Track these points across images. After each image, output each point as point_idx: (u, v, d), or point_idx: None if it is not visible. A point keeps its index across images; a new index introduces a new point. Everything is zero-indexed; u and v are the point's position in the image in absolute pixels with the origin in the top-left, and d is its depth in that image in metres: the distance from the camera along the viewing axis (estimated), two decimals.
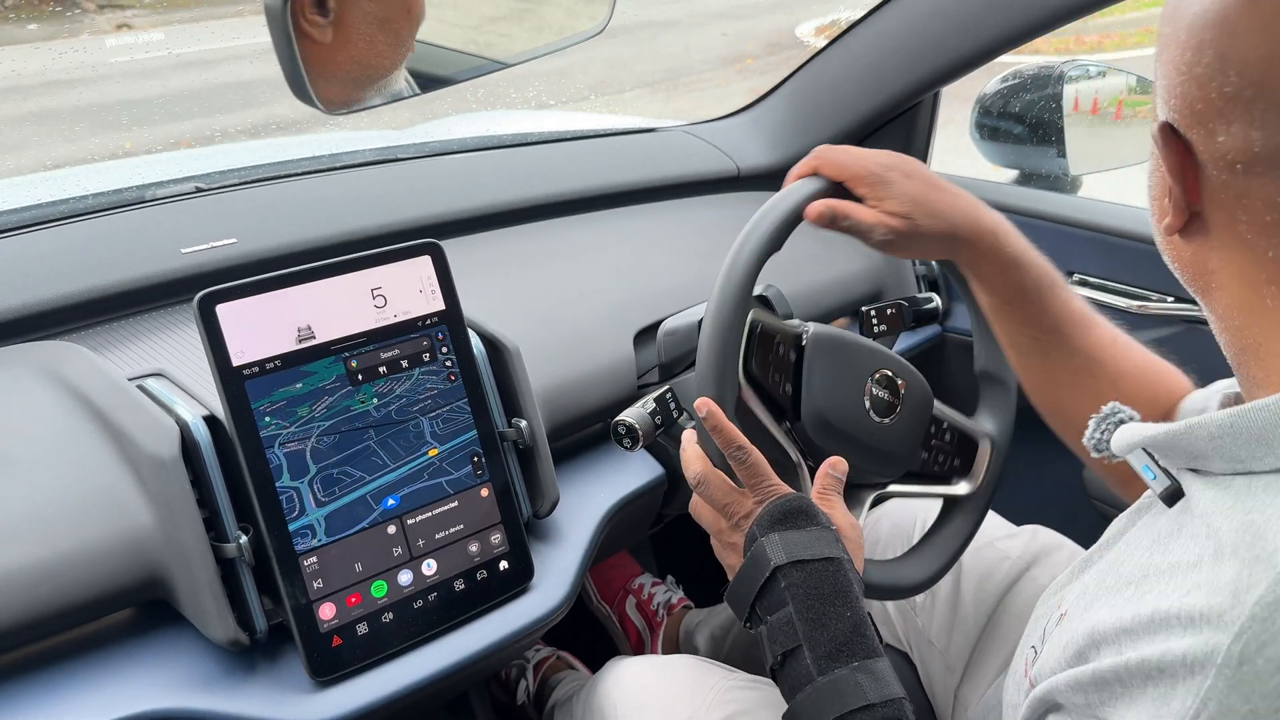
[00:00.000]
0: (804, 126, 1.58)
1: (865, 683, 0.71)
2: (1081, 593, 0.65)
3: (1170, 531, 0.59)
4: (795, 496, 0.80)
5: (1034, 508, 1.26)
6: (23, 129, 4.74)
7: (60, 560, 0.75)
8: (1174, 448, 0.60)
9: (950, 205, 0.89)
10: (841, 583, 0.75)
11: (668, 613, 1.57)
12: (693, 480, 0.84)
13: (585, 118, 2.57)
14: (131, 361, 0.94)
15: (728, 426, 0.82)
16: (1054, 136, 1.49)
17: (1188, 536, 0.56)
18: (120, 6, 6.77)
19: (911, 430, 0.97)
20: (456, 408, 0.89)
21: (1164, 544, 0.58)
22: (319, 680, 0.80)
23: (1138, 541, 0.63)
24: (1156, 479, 0.61)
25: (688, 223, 1.43)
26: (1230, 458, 0.56)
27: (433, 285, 0.88)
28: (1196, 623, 0.50)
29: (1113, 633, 0.55)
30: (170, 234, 1.11)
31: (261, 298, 0.80)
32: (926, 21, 1.37)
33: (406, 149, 1.47)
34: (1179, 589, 0.53)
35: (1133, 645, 0.53)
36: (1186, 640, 0.50)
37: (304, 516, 0.80)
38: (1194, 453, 0.58)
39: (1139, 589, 0.56)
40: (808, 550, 0.76)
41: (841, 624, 0.73)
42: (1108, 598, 0.59)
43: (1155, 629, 0.52)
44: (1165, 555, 0.57)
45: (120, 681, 0.76)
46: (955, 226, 0.88)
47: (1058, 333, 0.91)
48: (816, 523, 0.78)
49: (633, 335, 1.12)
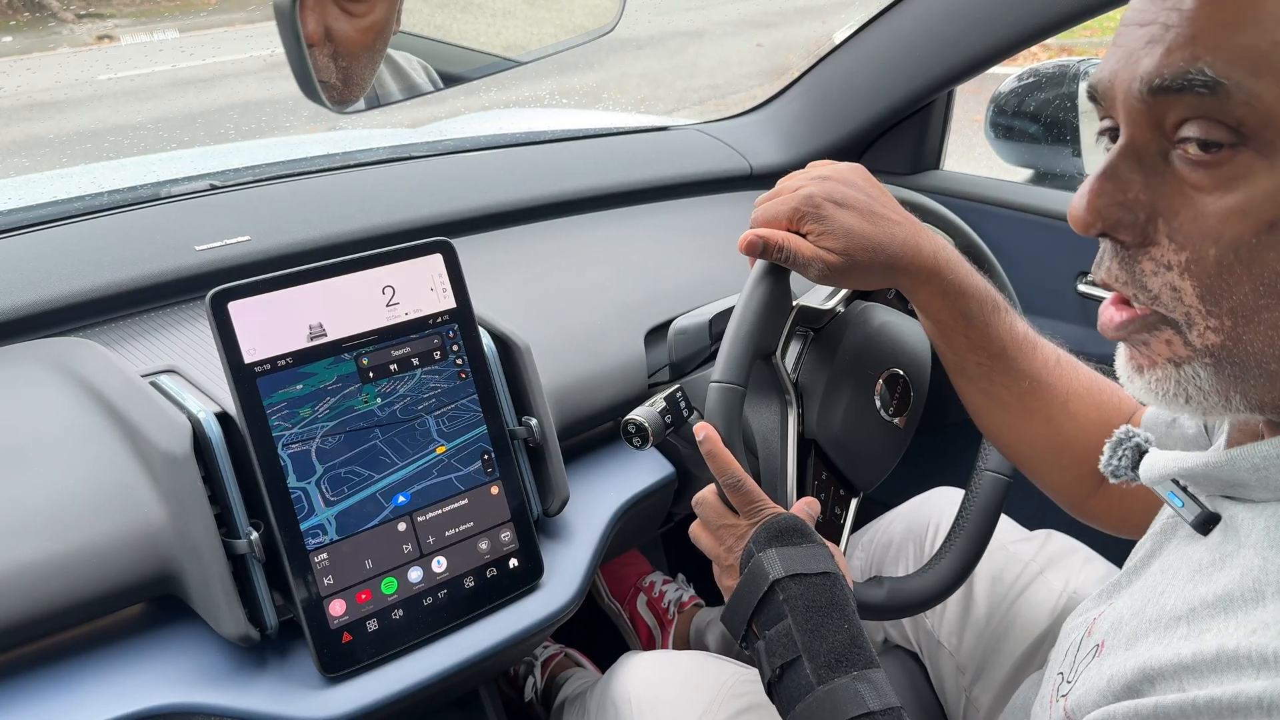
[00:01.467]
0: (817, 125, 1.58)
1: (865, 691, 0.71)
2: (1116, 623, 0.64)
3: (1213, 561, 0.57)
4: (789, 515, 0.81)
5: (1047, 513, 1.25)
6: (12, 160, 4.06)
7: (73, 555, 0.76)
8: (1211, 478, 0.58)
9: (889, 235, 0.85)
10: (839, 597, 0.76)
11: (679, 610, 1.57)
12: (694, 503, 0.87)
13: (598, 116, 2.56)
14: (144, 358, 0.95)
15: (722, 453, 0.84)
16: (1069, 135, 1.49)
17: (1237, 567, 0.55)
18: (100, 16, 6.18)
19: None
20: (465, 405, 0.89)
21: (1207, 575, 0.57)
22: (329, 676, 0.80)
23: (1174, 570, 0.61)
24: (1185, 506, 0.60)
25: (700, 221, 1.43)
26: (1276, 488, 0.55)
27: (444, 283, 0.88)
28: (1270, 664, 0.48)
29: (1171, 669, 0.53)
30: (184, 231, 1.12)
31: (273, 295, 0.80)
32: (940, 20, 1.37)
33: (419, 147, 1.47)
34: (1242, 626, 0.51)
35: (1198, 683, 0.51)
36: (1261, 683, 0.48)
37: (313, 516, 0.81)
38: (1234, 482, 0.57)
39: (1191, 625, 0.55)
40: (804, 565, 0.77)
41: (840, 635, 0.74)
42: (1156, 634, 0.57)
43: (1223, 668, 0.50)
44: (1211, 586, 0.55)
45: (131, 676, 0.77)
46: (893, 258, 0.85)
47: (1003, 357, 0.89)
48: (811, 540, 0.80)
49: (643, 334, 1.12)
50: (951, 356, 0.91)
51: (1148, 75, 0.52)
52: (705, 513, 0.86)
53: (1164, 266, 0.54)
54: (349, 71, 0.89)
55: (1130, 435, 0.67)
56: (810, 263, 0.85)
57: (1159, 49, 0.52)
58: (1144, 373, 0.58)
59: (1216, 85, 0.49)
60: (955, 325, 0.88)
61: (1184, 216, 0.53)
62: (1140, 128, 0.54)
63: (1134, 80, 0.53)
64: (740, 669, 1.00)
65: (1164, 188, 0.54)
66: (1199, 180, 0.52)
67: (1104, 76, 0.56)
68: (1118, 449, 0.67)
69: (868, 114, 1.50)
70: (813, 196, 0.86)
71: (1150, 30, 0.52)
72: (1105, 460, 0.68)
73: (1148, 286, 0.55)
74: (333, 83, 0.86)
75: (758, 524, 0.81)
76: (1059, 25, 1.26)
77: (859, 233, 0.85)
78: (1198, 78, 0.50)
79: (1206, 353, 0.54)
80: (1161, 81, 0.51)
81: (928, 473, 1.36)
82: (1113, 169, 0.56)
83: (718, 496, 0.86)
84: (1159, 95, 0.52)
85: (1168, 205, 0.54)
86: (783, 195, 0.88)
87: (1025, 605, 1.04)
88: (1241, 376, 0.54)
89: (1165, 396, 0.57)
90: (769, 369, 0.93)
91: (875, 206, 0.87)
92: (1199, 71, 0.50)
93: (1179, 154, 0.53)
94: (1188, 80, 0.50)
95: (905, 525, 1.18)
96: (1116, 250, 0.57)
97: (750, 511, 0.83)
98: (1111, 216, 0.56)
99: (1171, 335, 0.55)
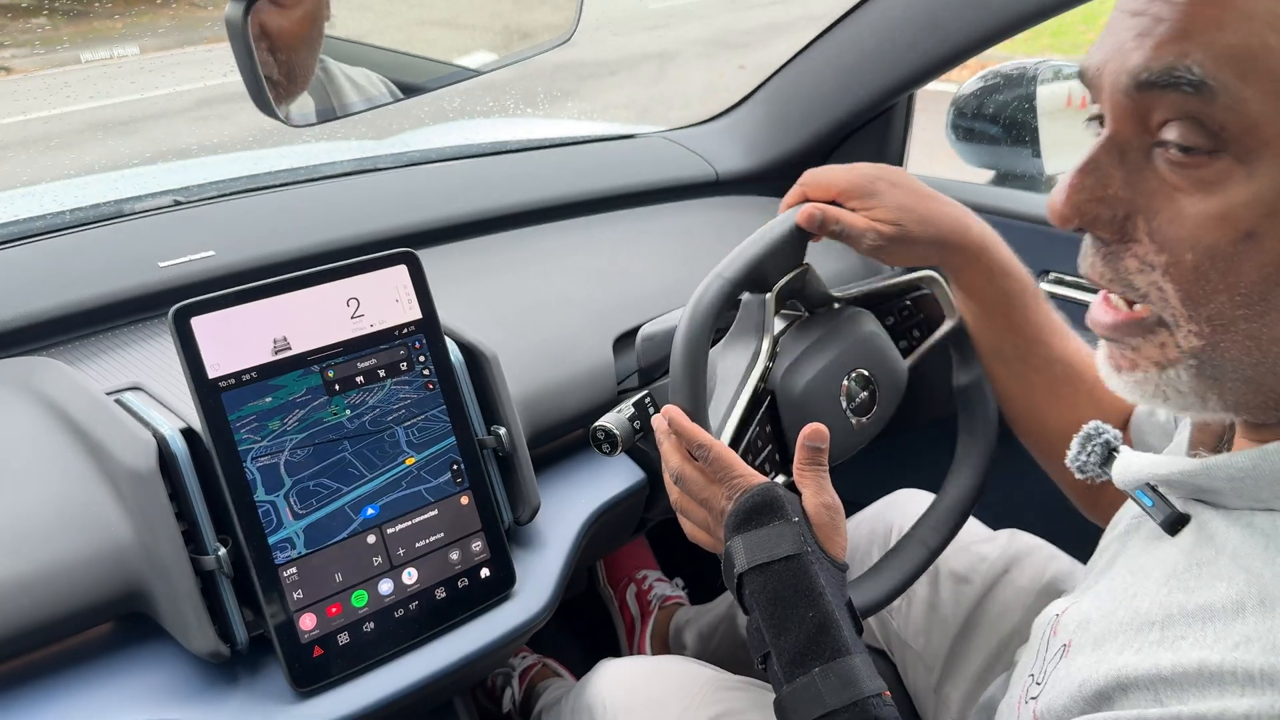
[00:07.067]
0: (781, 130, 1.59)
1: (826, 688, 0.69)
2: (1083, 622, 0.63)
3: (1189, 567, 0.57)
4: (760, 490, 0.77)
5: (1011, 511, 1.27)
6: None
7: (39, 574, 0.75)
8: (1184, 485, 0.59)
9: (939, 212, 0.91)
10: (801, 582, 0.72)
11: (661, 606, 1.58)
12: (672, 475, 0.83)
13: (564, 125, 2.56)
14: (108, 375, 0.94)
15: (688, 426, 0.81)
16: (1029, 136, 1.51)
17: (1216, 576, 0.54)
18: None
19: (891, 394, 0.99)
20: (434, 416, 0.89)
21: (1183, 581, 0.56)
22: (301, 691, 0.80)
23: (1146, 572, 0.61)
24: (1155, 505, 0.60)
25: (667, 227, 1.44)
26: (1251, 497, 0.55)
27: (409, 294, 0.89)
28: (1257, 682, 0.48)
29: (1147, 679, 0.53)
30: (147, 248, 1.11)
31: (237, 310, 0.80)
32: (899, 24, 1.38)
33: (384, 159, 1.47)
34: (1223, 639, 0.51)
35: (1178, 698, 0.51)
36: (1247, 701, 0.48)
37: (282, 530, 0.80)
38: (1208, 489, 0.57)
39: (1167, 632, 0.54)
40: (768, 551, 0.74)
41: (803, 627, 0.71)
42: (1127, 636, 0.57)
43: (1205, 683, 0.50)
44: (1190, 595, 0.55)
45: (100, 696, 0.76)
46: (944, 233, 0.90)
47: (1039, 341, 0.92)
48: (778, 516, 0.75)
49: (612, 341, 1.12)
50: (991, 338, 0.94)
51: (1135, 69, 0.52)
52: (687, 485, 0.82)
53: (1148, 265, 0.54)
54: (290, 65, 0.90)
55: (1100, 431, 0.68)
56: (865, 233, 0.89)
57: (1149, 42, 0.51)
58: (1123, 373, 0.58)
59: (1202, 85, 0.49)
60: (997, 306, 0.92)
61: (1163, 217, 0.53)
62: (1125, 122, 0.54)
63: (1121, 73, 0.53)
64: (716, 674, 1.00)
65: (1144, 185, 0.54)
66: (1179, 181, 0.52)
67: (1094, 63, 0.56)
68: (1086, 444, 0.68)
69: (830, 119, 1.52)
70: (867, 172, 0.91)
71: (1142, 21, 0.52)
72: (1073, 455, 0.69)
73: (1135, 284, 0.55)
74: (277, 79, 0.87)
75: (733, 498, 0.78)
76: (1009, 30, 1.28)
77: (911, 208, 0.90)
78: (1185, 76, 0.50)
79: (1190, 355, 0.54)
80: (1149, 76, 0.51)
81: (897, 475, 1.37)
82: (1094, 162, 0.56)
83: (692, 465, 0.82)
84: (1145, 91, 0.52)
85: (1147, 203, 0.54)
86: (835, 169, 0.91)
87: (991, 604, 1.05)
88: (1220, 379, 0.54)
89: (1144, 395, 0.57)
90: (757, 307, 0.92)
91: (925, 189, 0.92)
92: (1186, 69, 0.50)
93: (1160, 152, 0.53)
94: (1174, 77, 0.50)
95: (869, 528, 1.19)
96: (1099, 245, 0.57)
97: (726, 481, 0.79)
98: (1090, 211, 0.56)
99: (1166, 338, 0.55)
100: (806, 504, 0.78)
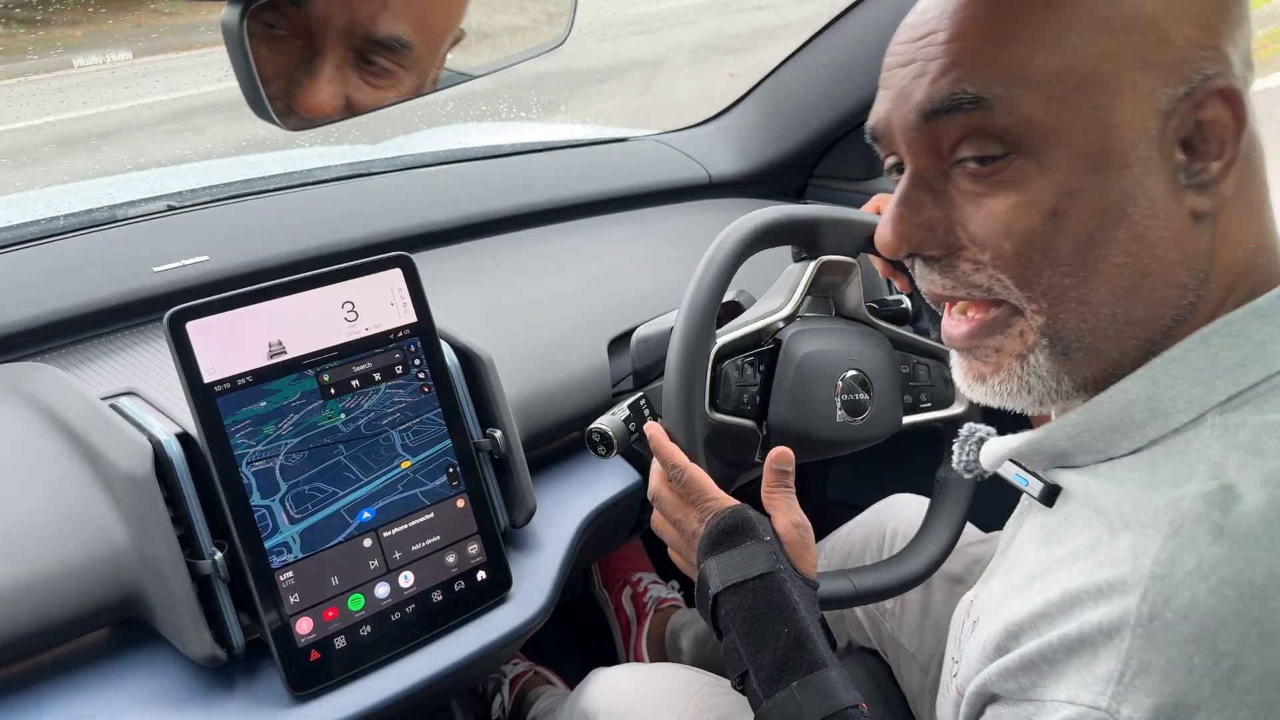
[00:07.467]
0: (773, 133, 1.59)
1: (805, 700, 0.72)
2: (988, 598, 0.68)
3: (1059, 524, 0.62)
4: (731, 512, 0.80)
5: (1005, 513, 1.27)
6: None
7: (36, 580, 0.75)
8: (1039, 453, 0.64)
9: None
10: (776, 599, 0.76)
11: (656, 608, 1.58)
12: (650, 496, 0.87)
13: (558, 128, 2.57)
14: (104, 380, 0.94)
15: (666, 446, 0.85)
16: None
17: (1079, 524, 0.60)
18: None
19: (884, 421, 0.98)
20: (430, 419, 0.89)
21: (1057, 536, 0.61)
22: (298, 695, 0.80)
23: (1029, 538, 0.66)
24: (1029, 484, 0.65)
25: (661, 230, 1.44)
26: (1091, 450, 0.60)
27: (404, 298, 0.89)
28: (1105, 593, 0.53)
29: (1029, 620, 0.57)
30: (142, 253, 1.11)
31: (232, 314, 0.80)
32: (890, 28, 1.38)
33: (378, 163, 1.47)
34: (1084, 570, 0.56)
35: (1051, 626, 0.55)
36: (1100, 610, 0.53)
37: (278, 534, 0.80)
38: (1058, 453, 0.63)
39: (1045, 580, 0.59)
40: (742, 570, 0.77)
41: (780, 643, 0.74)
42: (1016, 595, 0.61)
43: (1069, 607, 0.55)
44: (1061, 546, 0.60)
45: (97, 701, 0.76)
46: None
47: None
48: (750, 537, 0.79)
49: (607, 343, 1.13)
50: None
51: (920, 104, 0.58)
52: (662, 506, 0.86)
53: (980, 264, 0.60)
54: None
55: (973, 431, 0.73)
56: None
57: (925, 80, 0.58)
58: (987, 380, 0.63)
59: (980, 100, 0.56)
60: None
61: (977, 220, 0.59)
62: (921, 155, 0.60)
63: (909, 112, 0.59)
64: (710, 680, 1.00)
65: (954, 201, 0.60)
66: (982, 188, 0.58)
67: (880, 117, 0.62)
68: (964, 445, 0.73)
69: (821, 122, 1.52)
70: None
71: (915, 67, 0.59)
72: (956, 459, 0.74)
73: (976, 283, 0.60)
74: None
75: (704, 523, 0.81)
76: None
77: None
78: (963, 96, 0.56)
79: (1042, 334, 0.59)
80: (933, 106, 0.58)
81: (893, 479, 1.37)
82: (906, 196, 0.62)
83: (668, 487, 0.86)
84: (932, 120, 0.58)
85: (961, 215, 0.60)
86: None
87: None
88: (1068, 354, 0.59)
89: (1010, 395, 0.62)
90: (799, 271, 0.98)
91: None
92: (963, 91, 0.56)
93: (959, 171, 0.59)
94: (955, 100, 0.57)
95: (865, 532, 1.19)
96: (931, 264, 0.62)
97: (699, 504, 0.83)
98: (915, 237, 0.62)
99: (1022, 325, 0.60)
100: (777, 524, 0.82)
